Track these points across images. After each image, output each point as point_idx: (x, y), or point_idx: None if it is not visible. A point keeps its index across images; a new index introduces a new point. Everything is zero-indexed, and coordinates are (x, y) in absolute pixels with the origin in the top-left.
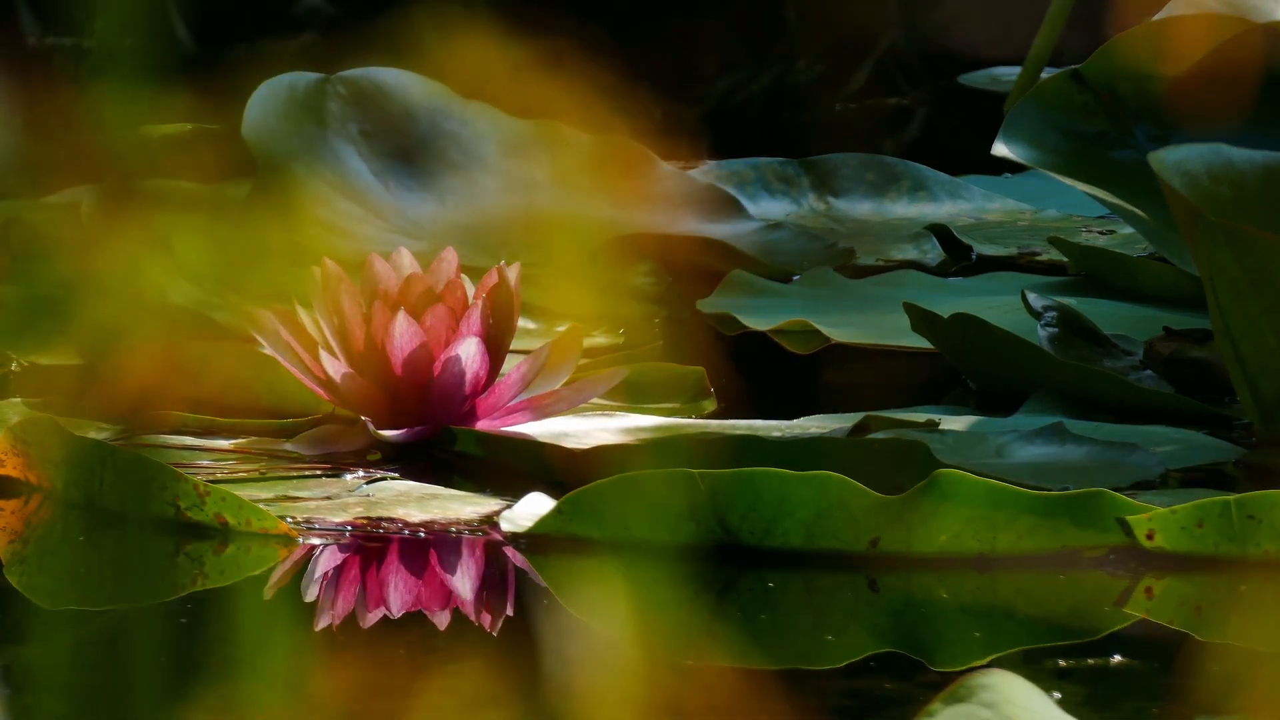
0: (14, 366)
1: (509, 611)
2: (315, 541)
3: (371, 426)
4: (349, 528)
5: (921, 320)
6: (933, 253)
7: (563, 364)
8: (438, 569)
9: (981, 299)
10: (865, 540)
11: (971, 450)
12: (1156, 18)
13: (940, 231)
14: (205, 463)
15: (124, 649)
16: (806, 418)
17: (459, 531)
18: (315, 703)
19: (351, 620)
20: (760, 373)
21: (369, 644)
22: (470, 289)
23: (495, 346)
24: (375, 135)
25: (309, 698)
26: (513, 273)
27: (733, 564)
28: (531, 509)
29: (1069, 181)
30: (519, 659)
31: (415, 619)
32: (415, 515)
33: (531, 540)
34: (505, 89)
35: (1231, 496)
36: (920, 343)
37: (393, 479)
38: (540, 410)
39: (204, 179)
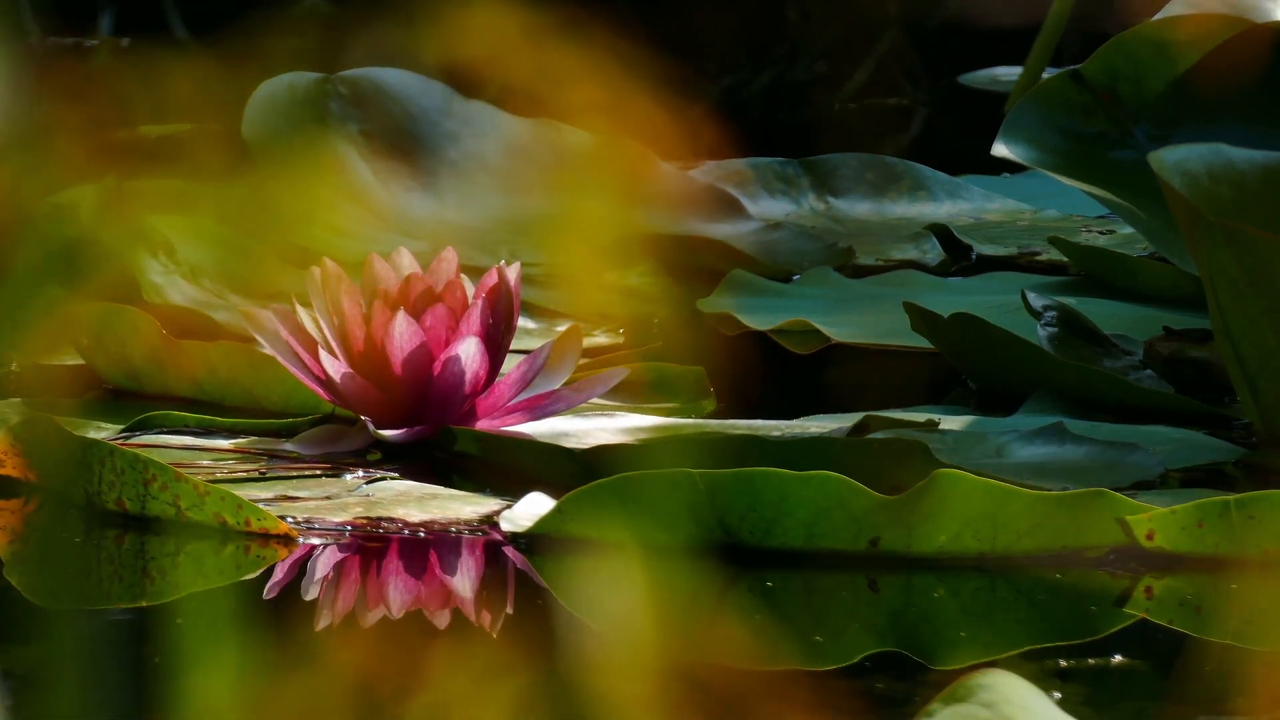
0: (14, 366)
1: (508, 611)
2: (315, 541)
3: (371, 426)
4: (349, 528)
5: (921, 320)
6: (933, 253)
7: (563, 364)
8: (437, 569)
9: (981, 299)
10: (865, 540)
11: (971, 450)
12: (1156, 18)
13: (940, 231)
14: (205, 463)
15: (124, 649)
16: (806, 418)
17: (459, 531)
18: (314, 702)
19: (351, 620)
20: (760, 373)
21: (368, 644)
22: (470, 289)
23: (495, 346)
24: (375, 135)
25: (308, 697)
26: (512, 273)
27: (733, 564)
28: (531, 509)
29: (1069, 181)
30: (518, 659)
31: (415, 619)
32: (415, 515)
33: (531, 540)
34: (519, 55)
35: (1231, 496)
36: (920, 343)
37: (393, 479)
38: (540, 410)
39: (203, 179)
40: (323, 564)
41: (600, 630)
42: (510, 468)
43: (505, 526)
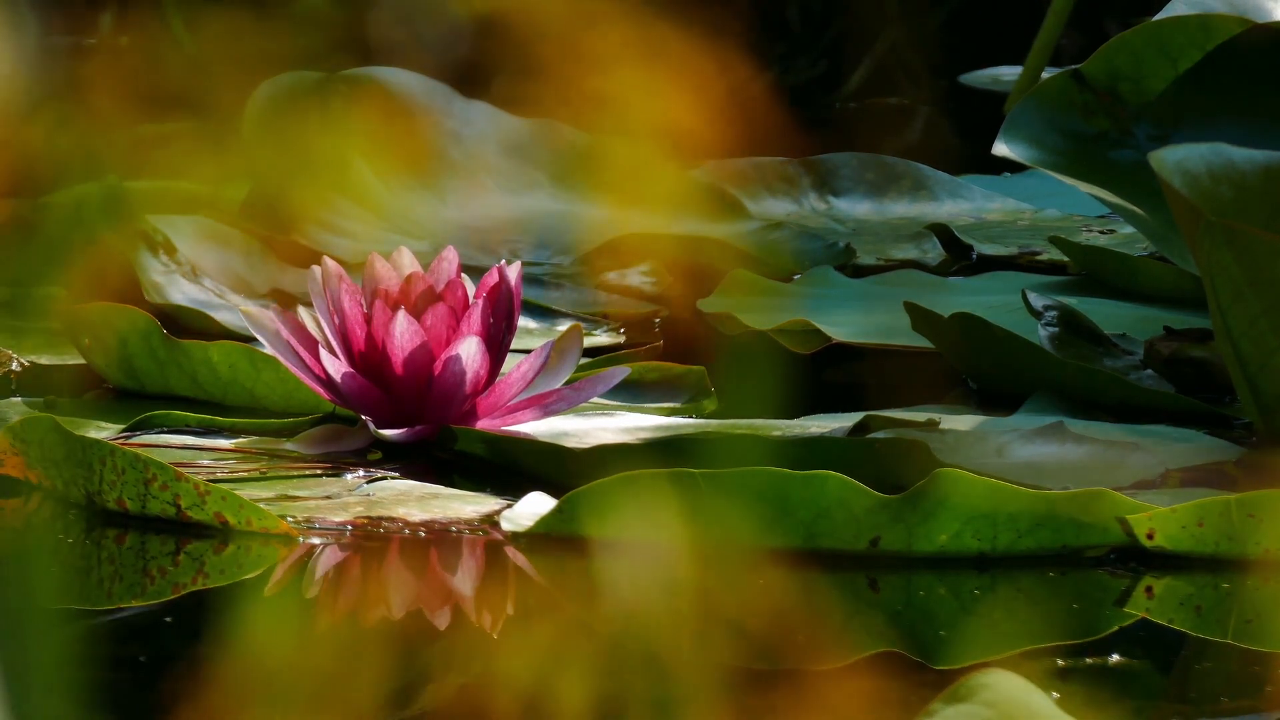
0: (14, 366)
1: (509, 611)
2: (315, 541)
3: (372, 426)
4: (349, 527)
5: (922, 319)
6: (933, 252)
7: (563, 364)
8: (438, 569)
9: (982, 299)
10: (865, 540)
11: (971, 450)
12: (1156, 18)
13: (941, 231)
14: (205, 462)
15: (124, 649)
16: (806, 418)
17: (459, 531)
18: (315, 703)
19: (351, 620)
20: (760, 373)
21: (369, 644)
22: (471, 288)
23: (495, 346)
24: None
25: (308, 697)
26: (513, 272)
27: (733, 564)
28: (532, 509)
29: (1069, 181)
30: (518, 659)
31: (415, 619)
32: (416, 515)
33: (532, 540)
34: None
35: (1231, 496)
36: (921, 342)
37: (393, 478)
38: (540, 410)
39: (203, 179)
40: (323, 563)
41: (601, 630)
42: (511, 467)
43: (506, 526)
